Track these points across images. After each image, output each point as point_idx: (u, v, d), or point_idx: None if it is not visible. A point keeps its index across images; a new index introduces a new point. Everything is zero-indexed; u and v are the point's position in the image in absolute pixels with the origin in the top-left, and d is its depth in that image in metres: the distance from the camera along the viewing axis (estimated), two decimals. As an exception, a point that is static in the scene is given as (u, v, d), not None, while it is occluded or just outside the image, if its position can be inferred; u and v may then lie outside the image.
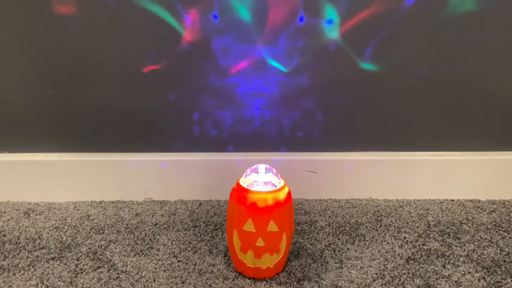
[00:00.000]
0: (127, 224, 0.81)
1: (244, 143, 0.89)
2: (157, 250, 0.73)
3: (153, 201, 0.90)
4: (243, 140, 0.89)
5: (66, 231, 0.78)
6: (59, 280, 0.65)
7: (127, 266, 0.68)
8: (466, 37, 0.81)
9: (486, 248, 0.73)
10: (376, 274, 0.67)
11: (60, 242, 0.75)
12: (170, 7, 0.77)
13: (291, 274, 0.67)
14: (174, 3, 0.77)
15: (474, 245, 0.74)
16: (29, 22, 0.78)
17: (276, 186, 0.64)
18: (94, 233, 0.77)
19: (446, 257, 0.71)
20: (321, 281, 0.65)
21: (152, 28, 0.79)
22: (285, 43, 0.80)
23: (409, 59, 0.82)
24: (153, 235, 0.77)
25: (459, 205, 0.89)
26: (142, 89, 0.84)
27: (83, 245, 0.74)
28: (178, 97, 0.85)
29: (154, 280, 0.65)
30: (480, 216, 0.84)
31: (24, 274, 0.66)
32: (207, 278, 0.66)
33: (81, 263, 0.69)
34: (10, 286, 0.64)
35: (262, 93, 0.84)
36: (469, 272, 0.67)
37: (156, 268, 0.68)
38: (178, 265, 0.69)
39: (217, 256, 0.71)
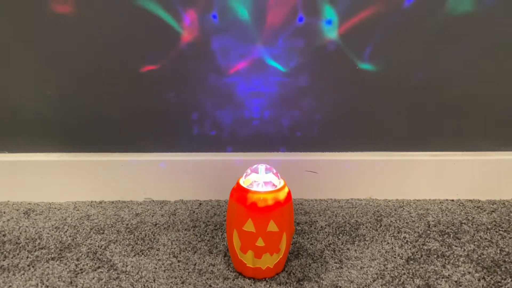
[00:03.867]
0: (127, 224, 0.81)
1: (244, 143, 0.89)
2: (157, 250, 0.73)
3: (153, 201, 0.90)
4: (242, 140, 0.89)
5: (66, 231, 0.78)
6: (59, 280, 0.65)
7: (127, 266, 0.68)
8: (465, 38, 0.81)
9: (486, 248, 0.73)
10: (376, 274, 0.67)
11: (60, 242, 0.75)
12: (168, 6, 0.77)
13: (291, 274, 0.67)
14: (173, 3, 0.77)
15: (474, 245, 0.74)
16: (29, 22, 0.78)
17: (276, 186, 0.64)
18: (94, 233, 0.77)
19: (446, 257, 0.71)
20: (321, 281, 0.65)
21: (151, 27, 0.79)
22: (284, 43, 0.80)
23: (409, 60, 0.82)
24: (153, 235, 0.77)
25: (459, 205, 0.89)
26: (142, 89, 0.84)
27: (83, 245, 0.74)
28: (178, 97, 0.85)
29: (154, 280, 0.65)
30: (480, 216, 0.84)
31: (24, 274, 0.66)
32: (207, 278, 0.66)
33: (81, 263, 0.69)
34: (10, 286, 0.64)
35: (261, 93, 0.85)
36: (469, 272, 0.67)
37: (156, 268, 0.68)
38: (178, 265, 0.69)
39: (217, 256, 0.71)
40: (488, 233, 0.78)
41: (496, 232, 0.78)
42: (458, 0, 0.77)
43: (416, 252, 0.72)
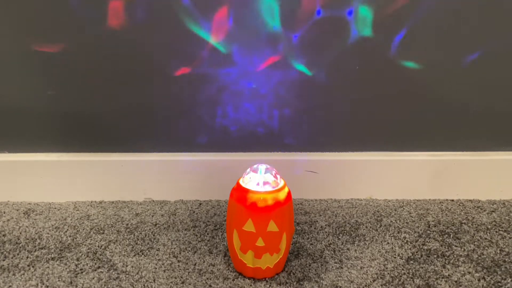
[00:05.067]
0: (127, 224, 0.81)
1: (244, 144, 0.89)
2: (157, 250, 0.73)
3: (153, 201, 0.90)
4: (243, 140, 0.89)
5: (66, 231, 0.78)
6: (59, 280, 0.65)
7: (127, 266, 0.68)
8: (466, 39, 0.81)
9: (486, 248, 0.73)
10: (376, 274, 0.67)
11: (60, 242, 0.75)
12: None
13: (291, 274, 0.67)
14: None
15: (474, 245, 0.74)
16: (29, 22, 0.78)
17: (276, 186, 0.64)
18: (94, 233, 0.77)
19: (446, 257, 0.71)
20: (321, 281, 0.65)
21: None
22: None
23: (409, 60, 0.82)
24: (153, 235, 0.77)
25: (459, 205, 0.89)
26: (141, 89, 0.84)
27: (83, 245, 0.74)
28: (177, 98, 0.85)
29: (154, 280, 0.65)
30: (480, 216, 0.84)
31: (24, 274, 0.66)
32: (207, 278, 0.66)
33: (81, 263, 0.69)
34: (10, 286, 0.64)
35: (262, 93, 0.85)
36: (469, 272, 0.67)
37: (156, 268, 0.68)
38: (178, 265, 0.69)
39: (217, 256, 0.71)
40: (488, 233, 0.78)
41: (496, 232, 0.78)
42: None
43: (416, 252, 0.72)
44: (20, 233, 0.77)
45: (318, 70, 0.83)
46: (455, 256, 0.71)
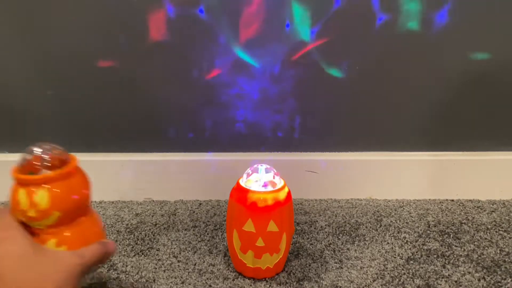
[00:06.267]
0: (127, 224, 0.81)
1: (245, 144, 0.89)
2: (157, 250, 0.73)
3: (153, 201, 0.90)
4: (243, 141, 0.89)
5: (66, 231, 0.78)
6: (59, 280, 0.65)
7: (127, 266, 0.68)
8: (467, 38, 0.81)
9: (486, 248, 0.73)
10: (376, 274, 0.67)
11: (60, 242, 0.75)
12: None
13: (291, 274, 0.67)
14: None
15: (474, 245, 0.74)
16: (30, 22, 0.78)
17: (276, 186, 0.64)
18: (94, 233, 0.77)
19: (446, 257, 0.71)
20: (321, 281, 0.65)
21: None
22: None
23: (408, 61, 0.82)
24: (153, 235, 0.77)
25: (459, 205, 0.89)
26: (142, 89, 0.84)
27: (83, 245, 0.74)
28: (177, 97, 0.85)
29: (154, 280, 0.65)
30: (480, 216, 0.84)
31: (24, 274, 0.66)
32: (207, 278, 0.66)
33: (81, 263, 0.69)
34: (10, 286, 0.64)
35: (254, 94, 0.85)
36: (469, 272, 0.67)
37: (156, 268, 0.68)
38: (178, 265, 0.69)
39: (217, 256, 0.71)
40: (488, 233, 0.78)
41: (496, 232, 0.78)
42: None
43: (416, 252, 0.72)
44: (20, 233, 0.77)
45: (314, 70, 0.83)
46: (455, 256, 0.71)
